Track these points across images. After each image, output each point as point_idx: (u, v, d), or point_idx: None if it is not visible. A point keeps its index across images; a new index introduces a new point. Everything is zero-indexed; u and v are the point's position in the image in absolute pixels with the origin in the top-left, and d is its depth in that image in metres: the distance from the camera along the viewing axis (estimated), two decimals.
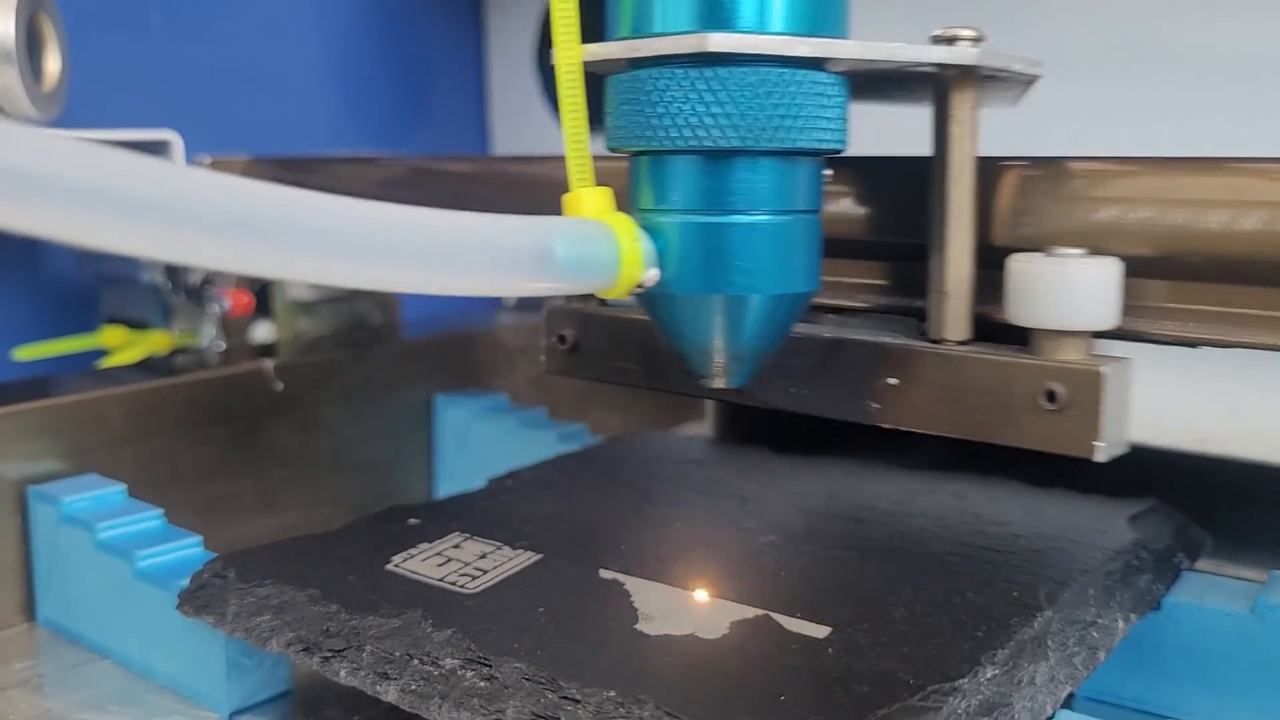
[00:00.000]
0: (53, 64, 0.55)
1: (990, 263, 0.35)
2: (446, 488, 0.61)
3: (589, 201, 0.32)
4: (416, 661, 0.32)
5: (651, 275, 0.32)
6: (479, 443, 0.59)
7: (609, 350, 0.38)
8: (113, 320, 0.60)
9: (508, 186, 0.45)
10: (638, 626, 0.33)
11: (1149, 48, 0.59)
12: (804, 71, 0.31)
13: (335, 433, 0.57)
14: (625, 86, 0.32)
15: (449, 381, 0.62)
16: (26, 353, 0.58)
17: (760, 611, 0.34)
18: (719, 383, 0.34)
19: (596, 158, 0.33)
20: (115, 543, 0.41)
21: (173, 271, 0.56)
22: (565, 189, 0.33)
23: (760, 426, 0.55)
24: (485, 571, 0.37)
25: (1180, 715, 0.36)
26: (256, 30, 0.70)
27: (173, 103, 0.65)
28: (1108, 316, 0.32)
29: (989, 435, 0.34)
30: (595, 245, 0.31)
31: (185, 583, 0.38)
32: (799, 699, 0.29)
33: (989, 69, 0.33)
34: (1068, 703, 0.32)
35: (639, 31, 0.31)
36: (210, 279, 0.56)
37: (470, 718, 0.30)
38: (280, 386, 0.55)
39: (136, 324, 0.59)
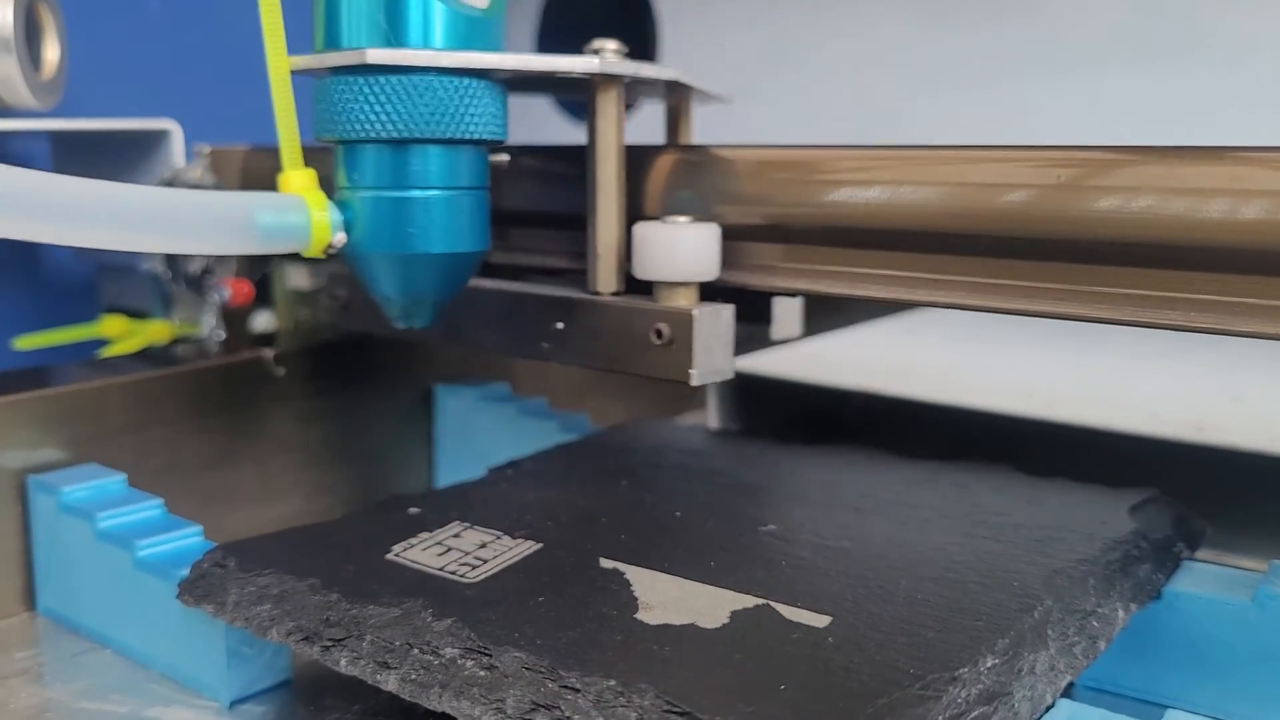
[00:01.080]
0: (51, 53, 0.55)
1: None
2: (446, 477, 0.61)
3: (295, 180, 0.39)
4: (416, 651, 0.32)
5: (339, 239, 0.39)
6: (479, 432, 0.59)
7: (369, 306, 0.44)
8: (112, 310, 0.60)
9: (509, 174, 0.46)
10: (638, 616, 0.33)
11: None
12: (452, 78, 0.38)
13: (335, 422, 0.57)
14: (321, 89, 0.39)
15: (449, 371, 0.62)
16: (26, 342, 0.58)
17: (760, 601, 0.34)
18: (402, 324, 0.41)
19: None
20: (115, 532, 0.41)
21: (172, 261, 0.56)
22: (573, 179, 0.40)
23: (761, 416, 0.55)
24: (485, 561, 0.37)
25: (1180, 704, 0.36)
26: (256, 19, 0.70)
27: (172, 92, 0.65)
28: (708, 270, 0.40)
29: (623, 368, 0.42)
30: (292, 214, 0.38)
31: (185, 572, 0.38)
32: (799, 688, 0.29)
33: (626, 75, 0.41)
34: (1068, 692, 0.32)
35: (327, 47, 0.39)
36: (210, 268, 0.56)
37: (470, 707, 0.30)
38: (281, 373, 0.55)
39: (136, 313, 0.59)
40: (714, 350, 0.40)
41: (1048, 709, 0.31)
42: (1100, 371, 0.64)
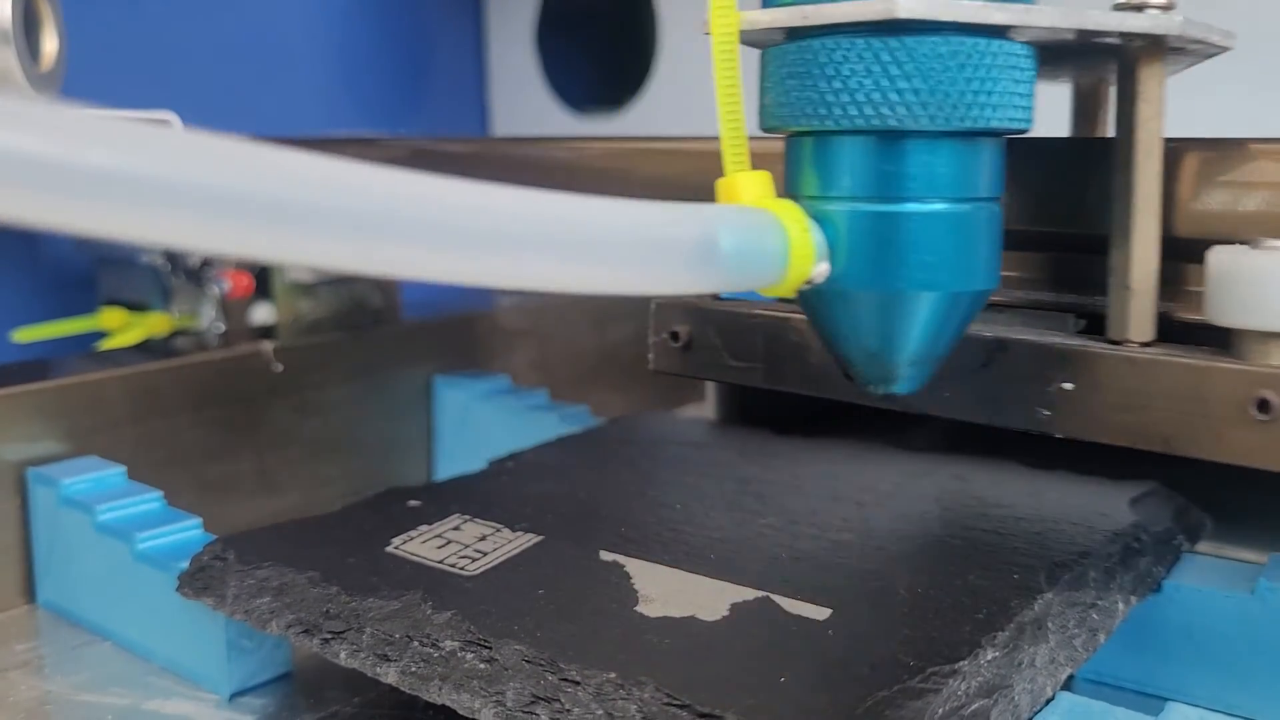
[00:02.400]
0: (50, 44, 0.55)
1: (1170, 255, 0.32)
2: (446, 469, 0.60)
3: (747, 188, 0.28)
4: (416, 643, 0.32)
5: (821, 270, 0.29)
6: (479, 424, 0.59)
7: (727, 348, 0.36)
8: (112, 302, 0.60)
9: (510, 168, 0.45)
10: (638, 608, 0.33)
11: None
12: (999, 42, 0.28)
13: (335, 414, 0.57)
14: (792, 59, 0.29)
15: (449, 363, 0.62)
16: (25, 335, 0.58)
17: (761, 593, 0.34)
18: (887, 388, 0.31)
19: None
20: (115, 525, 0.41)
21: (172, 253, 0.56)
22: (569, 170, 0.30)
23: (761, 408, 0.55)
24: (485, 553, 0.37)
25: (1180, 697, 0.36)
26: (255, 10, 0.70)
27: (171, 83, 0.65)
28: None
29: (1183, 449, 0.31)
30: (762, 236, 0.27)
31: (185, 565, 0.38)
32: (799, 681, 0.29)
33: (1184, 39, 0.30)
34: (1068, 684, 0.32)
35: None
36: (209, 260, 0.56)
37: (470, 700, 0.30)
38: (280, 368, 0.54)
39: (136, 306, 0.59)
40: None
41: (1048, 701, 0.31)
42: None
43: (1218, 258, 0.30)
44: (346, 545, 0.38)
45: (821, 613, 0.33)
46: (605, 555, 0.37)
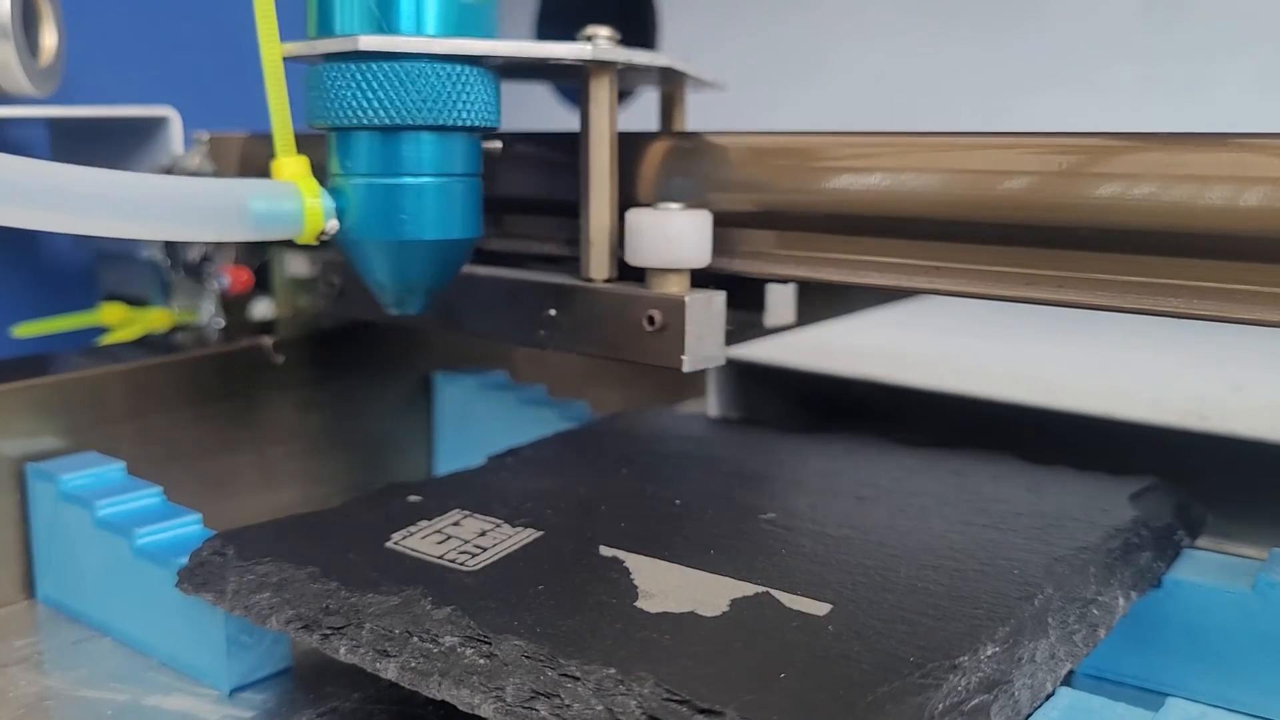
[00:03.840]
0: (49, 39, 0.55)
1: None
2: (446, 465, 0.60)
3: (288, 167, 0.39)
4: (416, 639, 0.32)
5: (332, 225, 0.39)
6: (478, 420, 0.59)
7: (363, 292, 0.44)
8: (111, 297, 0.60)
9: (509, 163, 0.45)
10: (637, 604, 0.33)
11: None
12: (445, 65, 0.38)
13: (334, 410, 0.57)
14: (311, 76, 0.39)
15: (448, 358, 0.62)
16: (25, 330, 0.58)
17: (760, 589, 0.34)
18: (395, 311, 0.42)
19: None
20: (114, 520, 0.41)
21: (171, 248, 0.56)
22: (573, 167, 0.40)
23: (761, 404, 0.55)
24: (485, 549, 0.37)
25: (1180, 692, 0.36)
26: (253, 6, 0.69)
27: (171, 79, 0.65)
28: (699, 257, 0.40)
29: (616, 354, 0.42)
30: (285, 201, 0.38)
31: (184, 560, 0.38)
32: (799, 676, 0.29)
33: (618, 62, 0.40)
34: (1068, 680, 0.32)
35: (320, 34, 0.39)
36: (209, 256, 0.56)
37: (470, 695, 0.30)
38: (280, 361, 0.54)
39: (135, 301, 0.59)
40: (706, 337, 0.40)
41: (1048, 697, 0.31)
42: (1101, 359, 0.64)
43: (630, 215, 0.40)
44: (346, 541, 0.38)
45: (821, 608, 0.33)
46: (605, 550, 0.37)
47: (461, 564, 0.36)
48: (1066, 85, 0.71)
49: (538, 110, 0.91)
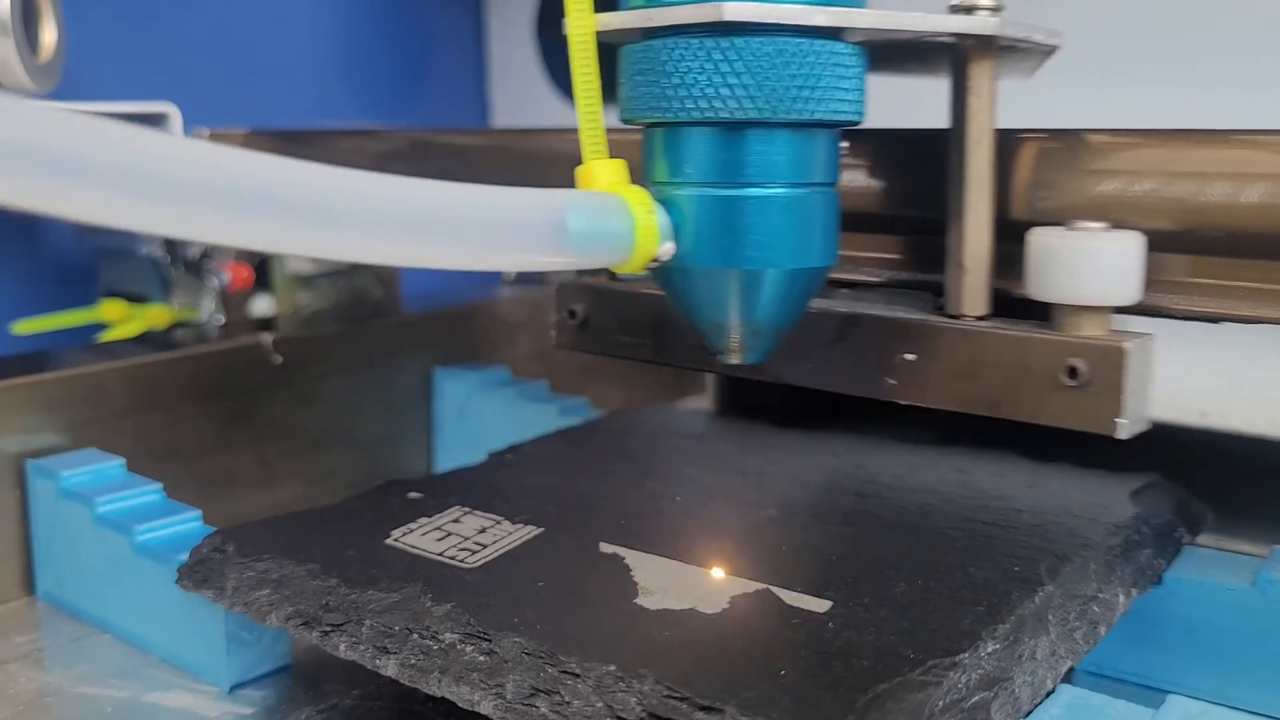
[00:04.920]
0: (49, 35, 0.54)
1: (1009, 236, 0.34)
2: (446, 461, 0.60)
3: (603, 174, 0.31)
4: (416, 636, 0.32)
5: (666, 249, 0.32)
6: (479, 416, 0.59)
7: (619, 325, 0.38)
8: (112, 294, 0.60)
9: (509, 159, 0.45)
10: (638, 601, 0.33)
11: None
12: (821, 41, 0.31)
13: (334, 406, 0.57)
14: (639, 57, 0.32)
15: (448, 355, 0.62)
16: (25, 326, 0.57)
17: (761, 586, 0.34)
18: (735, 358, 0.34)
19: (611, 130, 0.32)
20: (114, 517, 0.41)
21: (171, 245, 0.56)
22: (569, 161, 0.32)
23: (762, 400, 0.55)
24: (485, 546, 0.37)
25: (1181, 689, 0.36)
26: (255, 1, 0.69)
27: (171, 74, 0.65)
28: (1129, 291, 0.32)
29: (1008, 412, 0.34)
30: (609, 218, 0.30)
31: (184, 557, 0.38)
32: (799, 673, 0.29)
33: (1008, 39, 0.33)
34: (1068, 677, 0.32)
35: (656, 1, 0.31)
36: (209, 252, 0.56)
37: (470, 692, 0.30)
38: (279, 360, 0.54)
39: (135, 298, 0.59)
40: (1141, 392, 0.32)
41: (1048, 694, 0.31)
42: None
43: (1035, 238, 0.33)
44: (346, 537, 0.38)
45: (822, 605, 0.33)
46: (605, 547, 0.37)
47: (461, 561, 0.36)
48: (1071, 84, 0.71)
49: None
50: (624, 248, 0.31)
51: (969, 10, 0.32)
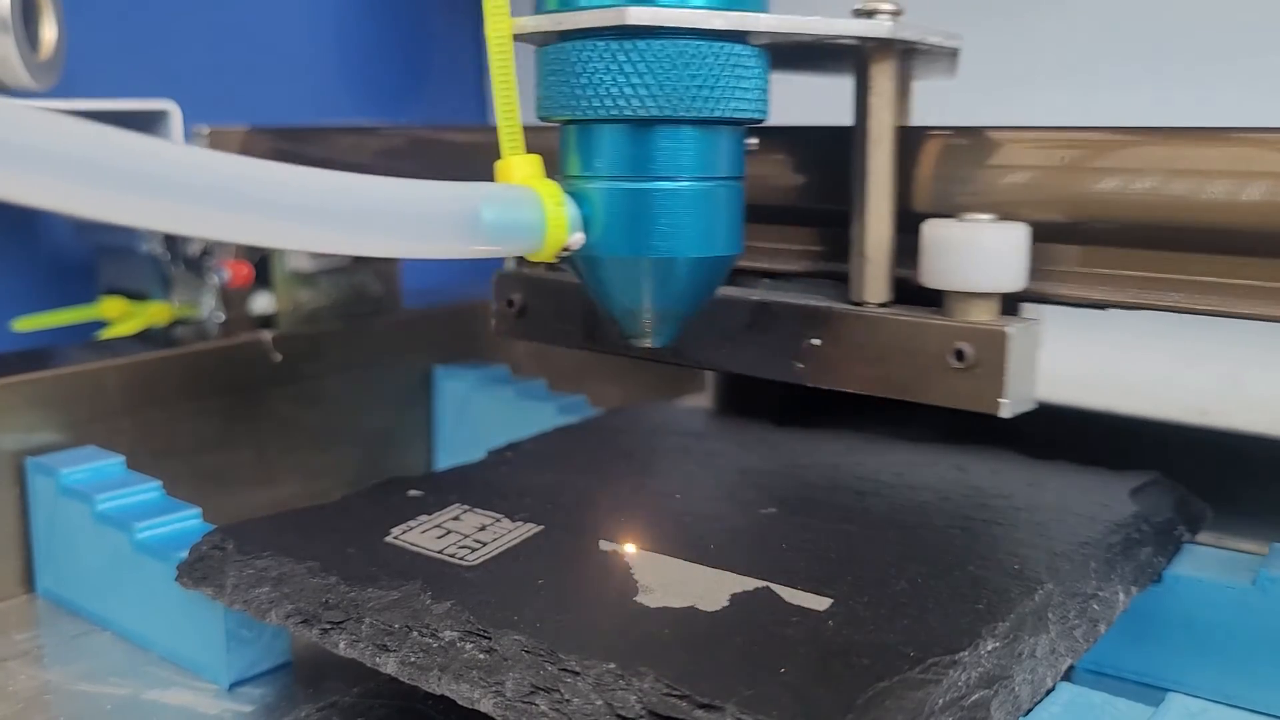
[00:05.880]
0: (49, 33, 0.54)
1: (913, 228, 0.35)
2: (446, 459, 0.60)
3: (519, 168, 0.33)
4: (416, 634, 0.32)
5: (576, 239, 0.33)
6: (478, 414, 0.59)
7: (554, 314, 0.39)
8: (112, 291, 0.60)
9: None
10: (638, 598, 0.33)
11: None
12: (721, 44, 0.32)
13: (334, 404, 0.57)
14: (552, 58, 0.33)
15: (448, 353, 0.62)
16: (26, 324, 0.57)
17: (761, 583, 0.34)
18: (646, 342, 0.36)
19: (534, 128, 0.34)
20: (114, 514, 0.41)
21: (171, 242, 0.56)
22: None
23: (761, 399, 0.55)
24: (485, 543, 0.37)
25: (1181, 687, 0.36)
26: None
27: (171, 72, 0.65)
28: (1014, 279, 0.34)
29: (904, 393, 0.35)
30: (522, 210, 0.32)
31: (184, 554, 0.38)
32: (799, 671, 0.29)
33: (906, 42, 0.35)
34: (1068, 675, 0.32)
35: (566, 6, 0.33)
36: (209, 250, 0.56)
37: (469, 690, 0.30)
38: (279, 358, 0.54)
39: (136, 295, 0.59)
40: (1024, 374, 0.34)
41: (1048, 692, 0.31)
42: (1102, 354, 0.64)
43: (928, 229, 0.34)
44: (346, 535, 0.38)
45: (821, 603, 0.33)
46: (605, 545, 0.37)
47: (461, 559, 0.36)
48: (1071, 83, 0.71)
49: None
50: (536, 238, 0.32)
51: (870, 14, 0.34)
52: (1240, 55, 0.57)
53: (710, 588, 0.34)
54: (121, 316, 0.58)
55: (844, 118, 0.37)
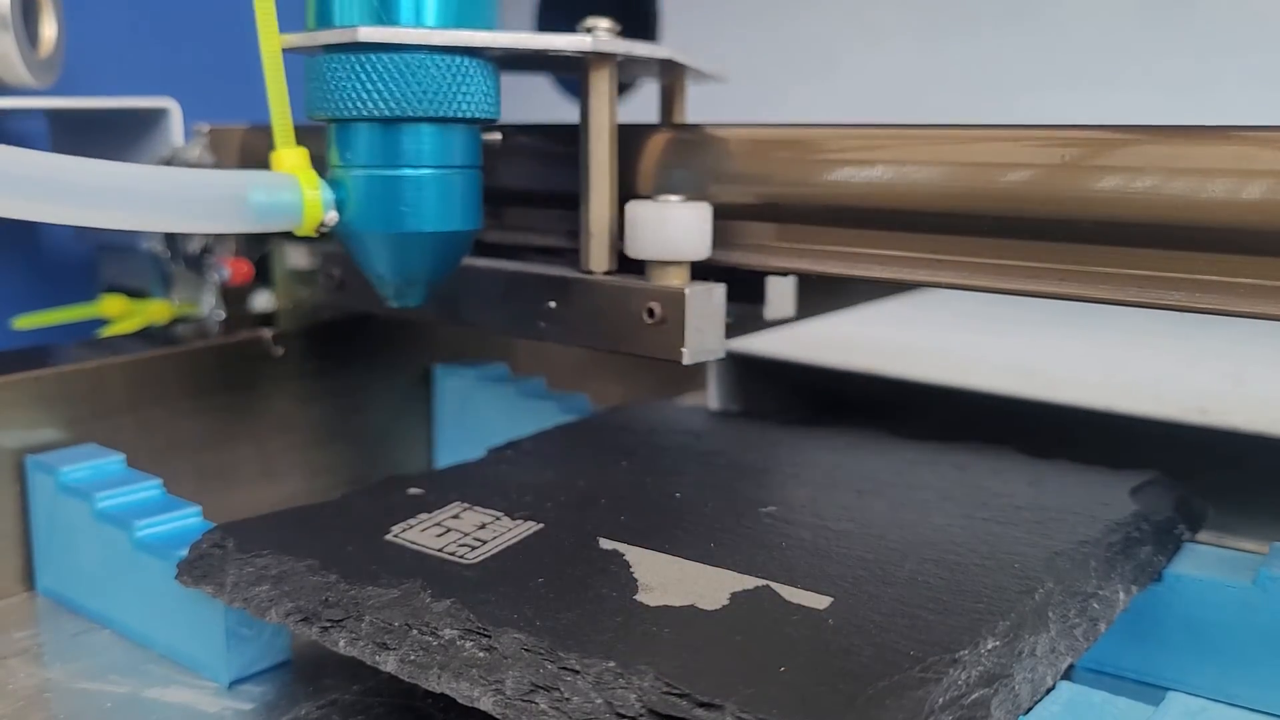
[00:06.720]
0: (49, 30, 0.54)
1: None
2: (446, 457, 0.60)
3: (287, 159, 0.39)
4: (415, 632, 0.32)
5: (331, 217, 0.39)
6: (478, 412, 0.59)
7: (365, 284, 0.43)
8: (112, 289, 0.60)
9: (509, 155, 0.45)
10: (637, 597, 0.33)
11: None
12: (443, 56, 0.38)
13: (334, 402, 0.57)
14: (311, 68, 0.40)
15: (448, 350, 0.62)
16: (26, 322, 0.57)
17: (761, 582, 0.34)
18: (400, 303, 0.42)
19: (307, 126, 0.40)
20: (114, 512, 0.41)
21: (172, 240, 0.56)
22: (573, 159, 0.40)
23: (762, 397, 0.55)
24: (485, 542, 0.37)
25: (1181, 687, 0.36)
26: None
27: (171, 70, 0.65)
28: (698, 249, 0.40)
29: (616, 346, 0.42)
30: (284, 193, 0.38)
31: (184, 552, 0.38)
32: (799, 670, 0.29)
33: (618, 53, 0.41)
34: (1068, 674, 0.32)
35: (321, 24, 0.39)
36: (210, 247, 0.56)
37: (469, 688, 0.30)
38: (280, 352, 0.54)
39: (136, 293, 0.59)
40: (706, 329, 0.40)
41: (1048, 691, 0.31)
42: (1102, 352, 0.64)
43: (629, 208, 0.41)
44: (346, 533, 0.38)
45: (822, 601, 0.33)
46: (605, 544, 0.37)
47: (461, 557, 0.36)
48: (1072, 84, 0.71)
49: (541, 102, 0.90)
50: (296, 216, 0.39)
51: (589, 30, 0.41)
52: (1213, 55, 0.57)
53: (710, 586, 0.34)
54: (122, 314, 0.58)
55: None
